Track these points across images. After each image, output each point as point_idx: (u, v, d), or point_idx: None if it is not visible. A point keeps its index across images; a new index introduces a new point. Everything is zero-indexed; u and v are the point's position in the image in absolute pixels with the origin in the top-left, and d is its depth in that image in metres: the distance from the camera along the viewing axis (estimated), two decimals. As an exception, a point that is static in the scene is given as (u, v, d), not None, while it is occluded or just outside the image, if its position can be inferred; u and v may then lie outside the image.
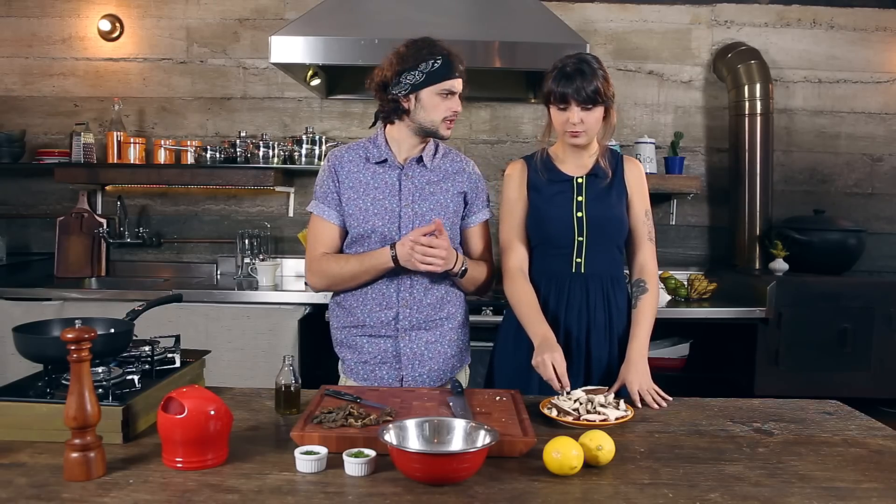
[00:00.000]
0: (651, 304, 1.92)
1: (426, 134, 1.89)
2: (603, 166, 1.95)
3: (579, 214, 1.92)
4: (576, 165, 1.97)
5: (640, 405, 1.72)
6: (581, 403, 1.59)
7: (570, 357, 1.93)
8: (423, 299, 1.91)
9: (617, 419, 1.55)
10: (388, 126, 1.93)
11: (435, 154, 1.96)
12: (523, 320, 1.87)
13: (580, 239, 1.92)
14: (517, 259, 1.97)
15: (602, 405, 1.59)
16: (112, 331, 1.53)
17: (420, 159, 1.92)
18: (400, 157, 1.93)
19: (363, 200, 1.90)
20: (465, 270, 1.89)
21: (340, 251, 1.96)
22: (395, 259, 1.81)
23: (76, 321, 1.44)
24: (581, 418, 1.54)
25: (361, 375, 1.94)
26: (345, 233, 1.96)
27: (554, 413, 1.57)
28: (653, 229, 2.01)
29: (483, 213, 2.02)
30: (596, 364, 1.93)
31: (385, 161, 1.92)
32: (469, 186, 1.98)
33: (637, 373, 1.79)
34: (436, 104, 1.84)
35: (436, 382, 1.92)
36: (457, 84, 1.86)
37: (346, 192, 1.92)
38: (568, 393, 1.65)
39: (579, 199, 1.94)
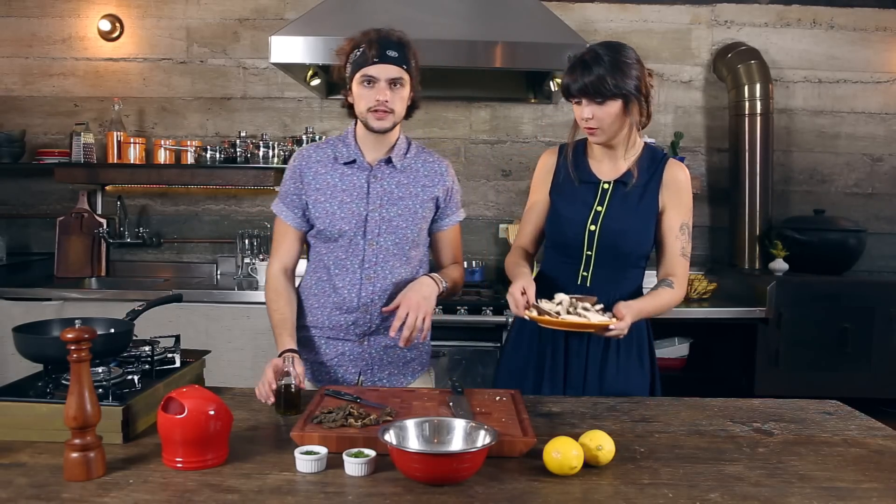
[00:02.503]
0: (670, 296, 1.79)
1: (367, 128, 1.82)
2: (638, 171, 1.81)
3: (592, 228, 1.81)
4: (608, 167, 1.85)
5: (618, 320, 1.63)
6: (562, 305, 1.59)
7: (568, 374, 1.86)
8: (383, 306, 1.84)
9: (598, 322, 1.55)
10: (358, 123, 1.87)
11: (407, 152, 1.89)
12: (511, 272, 1.83)
13: (588, 253, 1.82)
14: (521, 239, 1.95)
15: (585, 309, 1.59)
16: (112, 331, 1.53)
17: (389, 160, 1.86)
18: (369, 156, 1.86)
19: (330, 203, 1.85)
20: (444, 290, 1.85)
21: (298, 254, 1.94)
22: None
23: (76, 321, 1.44)
24: (560, 318, 1.55)
25: (317, 377, 1.91)
26: (303, 235, 1.93)
27: (534, 314, 1.58)
28: (688, 245, 1.83)
29: (455, 216, 1.97)
30: (592, 381, 1.84)
31: (354, 161, 1.86)
32: (442, 191, 1.91)
33: (629, 307, 1.65)
34: (360, 94, 1.78)
35: (395, 384, 1.89)
36: (374, 70, 1.74)
37: (313, 195, 1.87)
38: (535, 306, 1.64)
39: (598, 208, 1.82)
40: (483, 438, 1.24)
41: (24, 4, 3.68)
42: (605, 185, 1.84)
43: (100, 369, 1.47)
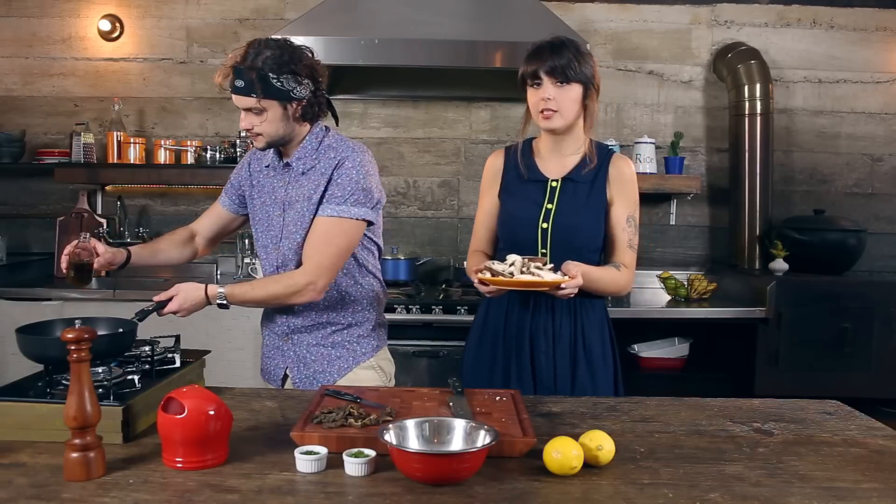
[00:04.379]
0: (617, 275, 1.83)
1: None
2: (584, 168, 1.86)
3: (545, 225, 1.84)
4: (556, 165, 1.89)
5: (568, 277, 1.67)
6: (515, 266, 1.63)
7: (538, 374, 1.88)
8: (301, 304, 1.86)
9: (552, 280, 1.59)
10: None
11: (317, 150, 1.84)
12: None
13: (544, 251, 1.85)
14: (475, 244, 1.99)
15: (539, 268, 1.63)
16: (121, 330, 1.55)
17: (288, 164, 1.87)
18: (284, 160, 1.89)
19: (254, 203, 1.94)
20: (223, 305, 1.79)
21: (214, 232, 2.08)
22: None
23: (76, 321, 1.44)
24: (514, 278, 1.60)
25: (261, 367, 2.04)
26: (227, 217, 2.06)
27: (488, 275, 1.61)
28: (635, 237, 1.87)
29: (329, 208, 1.79)
30: (561, 382, 1.87)
31: (269, 166, 1.92)
32: (328, 181, 1.81)
33: (577, 265, 1.71)
34: None
35: (324, 383, 1.87)
36: (233, 100, 1.78)
37: (248, 191, 1.97)
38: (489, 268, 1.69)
39: (549, 206, 1.85)
40: (483, 438, 1.24)
41: (24, 4, 3.68)
42: (554, 183, 1.88)
43: (100, 369, 1.47)
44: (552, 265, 1.70)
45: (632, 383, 3.25)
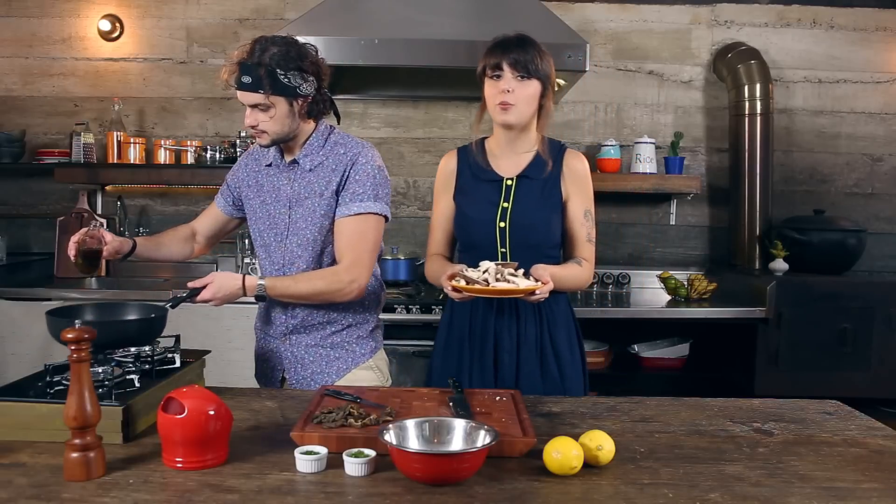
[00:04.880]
0: (580, 271, 1.85)
1: None
2: (538, 165, 1.87)
3: (502, 224, 1.85)
4: (510, 163, 1.89)
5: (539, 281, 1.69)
6: (489, 273, 1.63)
7: (500, 373, 1.89)
8: (298, 303, 1.87)
9: (526, 287, 1.60)
10: None
11: (323, 147, 1.85)
12: (439, 278, 1.77)
13: (503, 250, 1.86)
14: (434, 247, 1.98)
15: (512, 274, 1.63)
16: (153, 315, 1.59)
17: (295, 161, 1.86)
18: (287, 158, 1.89)
19: (253, 202, 1.93)
20: (261, 296, 1.78)
21: (213, 231, 2.10)
22: None
23: (77, 318, 1.44)
24: (490, 286, 1.60)
25: (255, 371, 2.03)
26: (224, 219, 2.07)
27: (462, 283, 1.61)
28: (593, 230, 1.90)
29: (350, 207, 1.81)
30: (526, 381, 1.87)
31: (270, 164, 1.91)
32: (342, 180, 1.82)
33: (546, 269, 1.72)
34: None
35: (321, 383, 1.87)
36: (238, 96, 1.75)
37: (245, 191, 1.96)
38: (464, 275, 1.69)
39: (505, 205, 1.86)
40: (483, 438, 1.24)
41: (24, 4, 3.68)
42: (509, 182, 1.88)
43: (100, 369, 1.47)
44: (522, 270, 1.71)
45: (632, 383, 3.28)
